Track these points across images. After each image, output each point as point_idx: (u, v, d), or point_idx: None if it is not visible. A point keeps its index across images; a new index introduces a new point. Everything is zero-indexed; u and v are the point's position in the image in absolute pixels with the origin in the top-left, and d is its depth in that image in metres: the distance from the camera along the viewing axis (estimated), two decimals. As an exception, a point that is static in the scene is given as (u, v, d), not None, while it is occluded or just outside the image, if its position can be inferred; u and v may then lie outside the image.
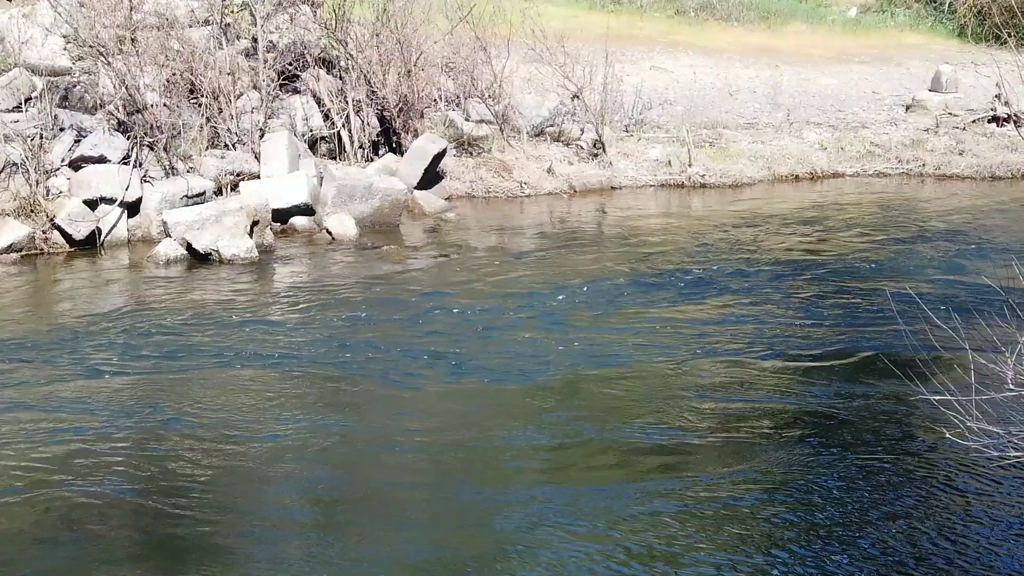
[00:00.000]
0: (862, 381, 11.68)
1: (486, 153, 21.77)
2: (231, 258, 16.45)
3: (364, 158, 20.91)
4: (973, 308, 9.19)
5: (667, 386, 11.79)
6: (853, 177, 23.03)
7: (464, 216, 19.80)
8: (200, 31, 20.19)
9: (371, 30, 21.45)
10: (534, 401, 11.41)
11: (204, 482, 9.61)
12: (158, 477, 9.69)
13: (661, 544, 8.66)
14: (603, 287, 15.15)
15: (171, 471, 9.80)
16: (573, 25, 25.94)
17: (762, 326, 13.57)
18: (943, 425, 8.42)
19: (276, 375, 12.00)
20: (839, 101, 26.44)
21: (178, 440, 10.37)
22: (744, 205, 20.57)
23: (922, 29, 32.87)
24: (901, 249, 17.24)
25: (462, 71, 22.67)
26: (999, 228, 18.59)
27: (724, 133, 23.69)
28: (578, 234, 18.56)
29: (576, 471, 10.00)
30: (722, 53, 29.12)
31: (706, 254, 17.06)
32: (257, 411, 11.07)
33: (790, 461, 10.01)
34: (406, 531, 8.94)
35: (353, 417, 11.04)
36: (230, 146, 19.31)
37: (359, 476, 9.90)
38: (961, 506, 9.21)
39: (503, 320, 13.80)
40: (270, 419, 10.86)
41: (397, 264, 16.71)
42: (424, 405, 11.42)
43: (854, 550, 8.58)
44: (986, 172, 22.98)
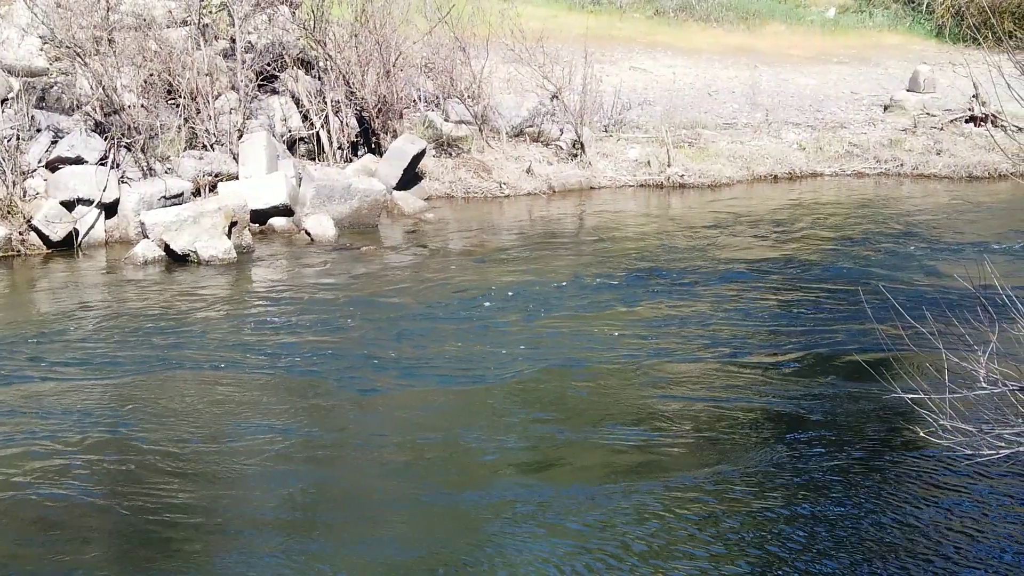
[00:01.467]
0: (836, 380, 11.72)
1: (465, 154, 21.76)
2: (209, 259, 16.41)
3: (343, 159, 20.88)
4: (947, 307, 9.22)
5: (642, 386, 11.81)
6: (832, 177, 23.09)
7: (443, 217, 19.79)
8: (178, 32, 20.13)
9: (350, 30, 21.41)
10: (509, 402, 11.41)
11: (177, 485, 9.58)
12: (131, 480, 9.66)
13: (636, 543, 8.69)
14: (580, 287, 15.18)
15: (144, 474, 9.77)
16: (552, 25, 25.94)
17: (738, 326, 13.61)
18: (917, 424, 8.46)
19: (251, 378, 11.98)
20: (817, 101, 26.51)
21: (151, 443, 10.33)
22: (723, 205, 20.62)
23: (900, 29, 32.99)
24: (877, 249, 17.30)
25: (441, 71, 22.65)
26: (974, 228, 18.67)
27: (703, 133, 23.73)
28: (556, 235, 18.58)
29: (551, 472, 10.01)
30: (701, 53, 29.19)
31: (683, 254, 17.09)
32: (231, 414, 11.04)
33: (765, 461, 10.04)
34: (382, 532, 8.94)
35: (327, 420, 11.02)
36: (208, 147, 19.26)
37: (334, 478, 9.89)
38: (935, 504, 9.26)
39: (479, 321, 13.80)
40: (244, 422, 10.83)
41: (375, 265, 16.69)
42: (400, 407, 11.41)
43: (829, 549, 8.61)
44: (963, 172, 23.08)
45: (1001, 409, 7.22)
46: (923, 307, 8.81)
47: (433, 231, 18.89)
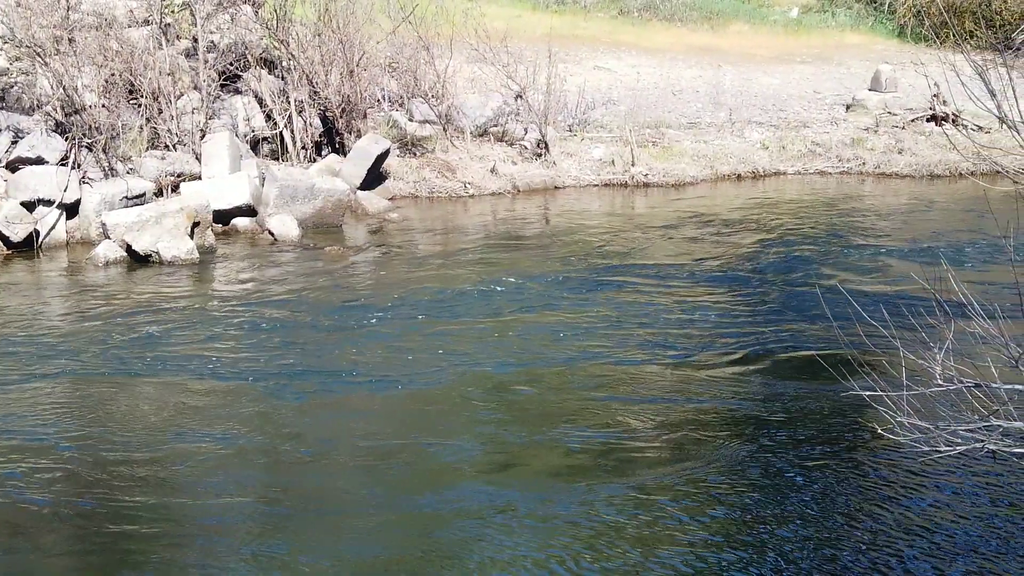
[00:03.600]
0: (797, 380, 11.80)
1: (430, 153, 21.75)
2: (171, 259, 16.33)
3: (307, 159, 20.83)
4: (904, 306, 9.29)
5: (602, 385, 11.83)
6: (794, 176, 23.23)
7: (407, 216, 19.77)
8: (139, 31, 20.02)
9: (313, 30, 21.37)
10: (473, 403, 11.41)
11: (136, 490, 9.50)
12: (90, 486, 9.57)
13: (598, 543, 8.71)
14: (543, 287, 15.19)
15: (103, 479, 9.69)
16: (517, 25, 25.98)
17: (699, 325, 13.66)
18: (876, 421, 8.51)
19: (210, 382, 11.90)
20: (781, 100, 26.66)
21: (109, 448, 10.26)
22: (686, 204, 20.69)
23: (862, 29, 33.23)
24: (837, 248, 17.40)
25: (405, 71, 22.65)
26: (933, 227, 18.83)
27: (667, 132, 23.82)
28: (520, 234, 18.59)
29: (512, 473, 10.01)
30: (665, 53, 29.29)
31: (646, 254, 17.14)
32: (190, 418, 10.97)
33: (727, 459, 10.09)
34: (344, 535, 8.92)
35: (287, 424, 10.94)
36: (170, 147, 19.17)
37: (295, 482, 9.84)
38: (893, 499, 9.33)
39: (442, 322, 13.79)
40: (203, 426, 10.75)
41: (338, 265, 16.65)
42: (362, 410, 11.38)
43: (790, 545, 8.67)
44: (924, 171, 23.27)
45: (957, 406, 7.28)
46: (881, 306, 8.87)
47: (397, 231, 18.87)
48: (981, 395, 7.10)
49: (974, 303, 7.18)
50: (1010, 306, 7.59)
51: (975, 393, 7.14)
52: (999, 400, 6.96)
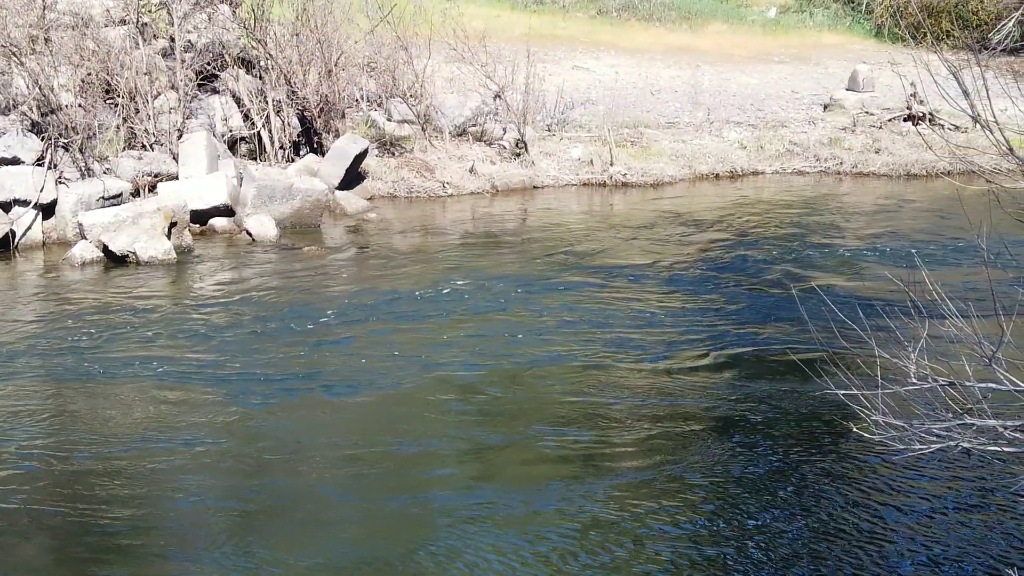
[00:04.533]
0: (772, 379, 11.84)
1: (408, 153, 21.74)
2: (148, 260, 16.28)
3: (285, 159, 20.78)
4: (879, 305, 9.34)
5: (579, 386, 11.84)
6: (772, 175, 23.30)
7: (386, 216, 19.75)
8: (116, 31, 19.94)
9: (291, 29, 21.33)
10: (449, 404, 11.40)
11: (114, 494, 9.46)
12: (64, 488, 9.52)
13: (577, 543, 8.72)
14: (520, 287, 15.19)
15: (78, 482, 9.64)
16: (495, 25, 26.00)
17: (675, 325, 13.68)
18: (852, 420, 8.55)
19: (188, 384, 11.85)
20: (759, 100, 26.73)
21: (85, 451, 10.20)
22: (665, 204, 20.73)
23: (840, 29, 33.34)
24: (814, 248, 17.46)
25: (384, 71, 22.63)
26: (909, 226, 18.90)
27: (645, 132, 23.86)
28: (498, 234, 18.58)
29: (490, 473, 10.01)
30: (643, 53, 29.33)
31: (623, 254, 17.16)
32: (166, 421, 10.91)
33: (704, 458, 10.12)
34: (325, 537, 8.89)
35: (267, 426, 10.91)
36: (147, 147, 19.11)
37: (274, 485, 9.81)
38: (869, 498, 9.38)
39: (418, 323, 13.77)
40: (179, 429, 10.71)
41: (316, 266, 16.62)
42: (338, 411, 11.36)
43: (768, 543, 8.70)
44: (901, 170, 23.37)
45: (932, 404, 7.31)
46: (856, 305, 8.90)
47: (375, 231, 18.85)
48: (955, 393, 7.13)
49: (948, 302, 7.20)
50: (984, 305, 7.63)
51: (949, 391, 7.17)
52: (973, 398, 6.98)
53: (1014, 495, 8.73)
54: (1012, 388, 6.74)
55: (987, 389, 7.02)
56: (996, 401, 6.91)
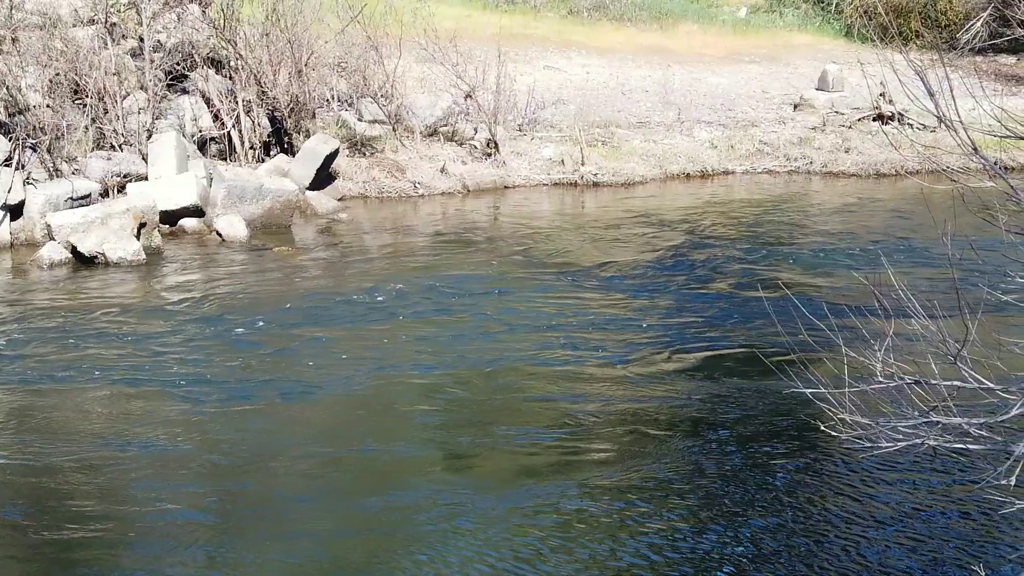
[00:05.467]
0: (741, 378, 11.89)
1: (379, 153, 21.69)
2: (117, 261, 16.20)
3: (255, 159, 20.70)
4: (846, 304, 9.38)
5: (550, 386, 11.86)
6: (743, 175, 23.35)
7: (357, 217, 19.71)
8: (85, 30, 19.81)
9: (261, 29, 21.24)
10: (418, 405, 11.39)
11: (80, 498, 9.39)
12: (30, 493, 9.46)
13: (548, 543, 8.74)
14: (490, 287, 15.20)
15: (44, 487, 9.57)
16: (466, 25, 25.97)
17: (643, 325, 13.71)
18: (819, 418, 8.59)
19: (155, 387, 11.78)
20: (729, 100, 26.79)
21: (53, 455, 10.13)
22: (635, 204, 20.76)
23: (810, 29, 33.45)
24: (783, 248, 17.53)
25: (354, 71, 22.56)
26: (877, 226, 18.99)
27: (616, 132, 23.89)
28: (468, 235, 18.56)
29: (463, 473, 10.03)
30: (615, 53, 29.35)
31: (592, 254, 17.18)
32: (134, 425, 10.85)
33: (674, 457, 10.15)
34: (298, 538, 8.87)
35: (234, 429, 10.86)
36: (116, 147, 19.00)
37: (244, 488, 9.77)
38: (837, 497, 9.44)
39: (387, 323, 13.76)
40: (147, 433, 10.64)
41: (286, 266, 16.57)
42: (307, 413, 11.33)
43: (737, 541, 8.73)
44: (871, 169, 23.47)
45: (898, 402, 7.35)
46: (824, 305, 8.96)
47: (346, 231, 18.81)
48: (921, 391, 7.17)
49: (914, 301, 7.24)
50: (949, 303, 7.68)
51: (915, 389, 7.21)
52: (939, 396, 7.03)
53: (980, 492, 8.79)
54: (977, 386, 6.79)
55: (953, 387, 7.07)
56: (962, 399, 6.95)
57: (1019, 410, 6.50)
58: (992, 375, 6.72)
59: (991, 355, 7.11)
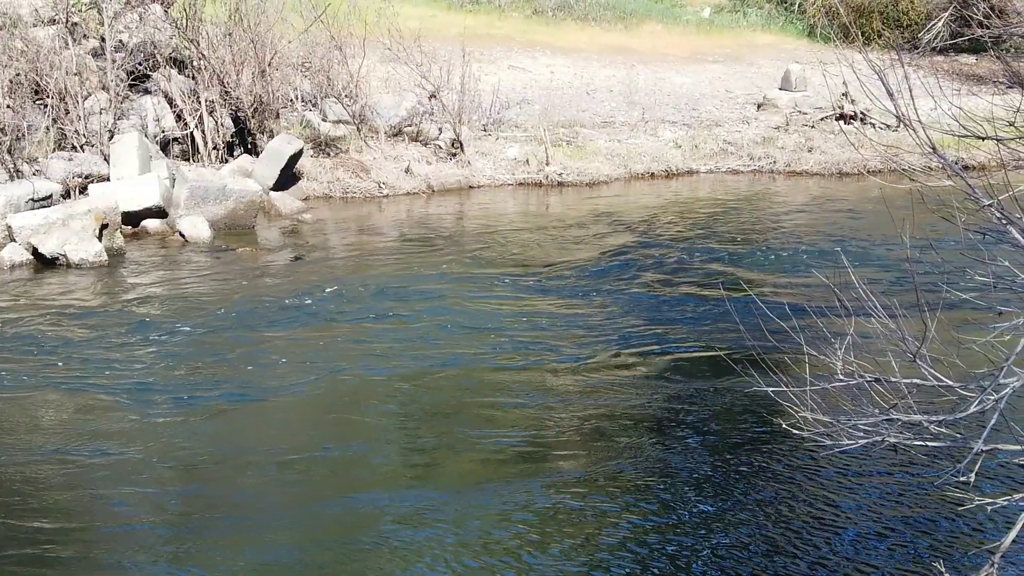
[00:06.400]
0: (704, 377, 11.93)
1: (343, 153, 21.63)
2: (79, 262, 16.08)
3: (219, 159, 20.61)
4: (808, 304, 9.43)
5: (513, 387, 11.85)
6: (707, 174, 23.44)
7: (321, 217, 19.65)
8: (45, 30, 19.66)
9: (224, 29, 21.15)
10: (382, 406, 11.37)
11: (39, 505, 9.31)
12: None
13: (513, 542, 8.75)
14: (453, 288, 15.19)
15: (6, 493, 9.48)
16: (431, 25, 25.93)
17: (607, 325, 13.73)
18: (782, 417, 8.64)
19: (115, 391, 11.68)
20: (693, 100, 26.87)
21: (12, 461, 10.03)
22: (600, 203, 20.80)
23: (773, 29, 33.58)
24: (745, 247, 17.60)
25: (318, 71, 22.49)
26: (839, 225, 19.09)
27: (581, 132, 23.92)
28: (433, 235, 18.54)
29: (427, 474, 10.02)
30: (579, 53, 29.38)
31: (556, 254, 17.19)
32: (93, 429, 10.75)
33: (640, 456, 10.18)
34: (261, 541, 8.85)
35: (195, 432, 10.78)
36: (78, 148, 18.87)
37: (206, 491, 9.71)
38: (800, 494, 9.49)
39: (350, 325, 13.72)
40: (105, 437, 10.55)
41: (249, 267, 16.50)
42: (271, 415, 11.28)
43: (703, 539, 8.77)
44: (834, 168, 23.61)
45: (859, 400, 7.39)
46: (785, 304, 9.00)
47: (310, 232, 18.75)
48: (882, 389, 7.22)
49: (874, 300, 7.29)
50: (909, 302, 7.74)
51: (876, 387, 7.26)
52: (898, 394, 7.08)
53: (941, 488, 8.86)
54: (936, 383, 6.84)
55: (912, 385, 7.12)
56: (921, 396, 7.00)
57: (978, 407, 6.56)
58: (951, 373, 6.77)
59: (950, 353, 7.16)
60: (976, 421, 7.07)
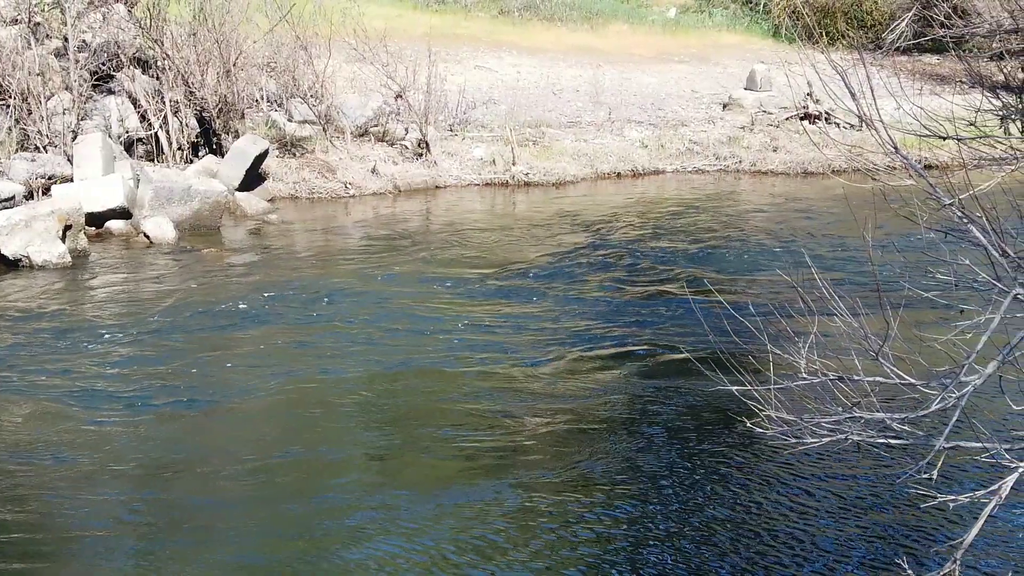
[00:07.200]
0: (669, 377, 11.97)
1: (309, 154, 21.57)
2: (43, 264, 15.96)
3: (183, 160, 20.51)
4: (772, 303, 9.48)
5: (481, 387, 11.85)
6: (673, 174, 23.51)
7: (287, 218, 19.58)
8: (7, 30, 19.51)
9: (188, 29, 21.05)
10: (345, 408, 11.34)
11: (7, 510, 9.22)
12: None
13: (482, 541, 8.75)
14: (419, 288, 15.17)
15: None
16: (397, 24, 25.90)
17: (572, 327, 13.74)
18: (746, 415, 8.68)
19: (78, 394, 11.57)
20: (659, 100, 26.96)
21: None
22: (566, 203, 20.83)
23: (738, 29, 33.74)
24: (710, 247, 17.67)
25: (284, 71, 22.43)
26: (803, 224, 19.18)
27: (547, 132, 23.95)
28: (400, 235, 18.50)
29: (394, 475, 10.00)
30: (546, 53, 29.43)
31: (522, 254, 17.19)
32: (53, 434, 10.62)
33: (607, 456, 10.21)
34: (226, 544, 8.80)
35: (158, 436, 10.68)
36: (41, 148, 18.74)
37: (174, 495, 9.63)
38: (764, 493, 9.54)
39: (315, 326, 13.68)
40: (66, 443, 10.43)
41: (214, 268, 16.42)
42: (236, 418, 11.23)
43: (670, 537, 8.80)
44: (799, 168, 23.74)
45: (822, 398, 7.44)
46: (749, 303, 9.05)
47: (276, 232, 18.68)
48: (845, 387, 7.26)
49: (836, 300, 7.34)
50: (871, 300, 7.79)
51: (839, 385, 7.30)
52: (861, 392, 7.12)
53: (904, 486, 8.92)
54: (899, 381, 6.89)
55: (875, 383, 7.17)
56: (884, 394, 7.05)
57: (939, 405, 6.61)
58: (913, 371, 6.82)
59: (912, 351, 7.21)
60: (938, 419, 7.14)
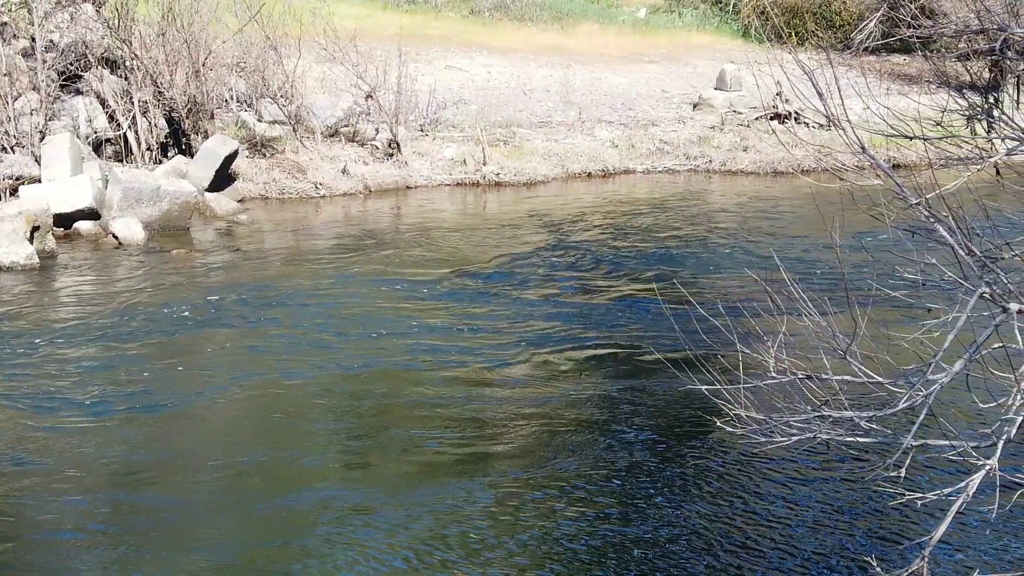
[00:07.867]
0: (640, 377, 12.00)
1: (280, 154, 21.52)
2: (10, 265, 15.87)
3: (152, 160, 20.41)
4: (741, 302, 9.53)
5: (451, 388, 11.85)
6: (644, 174, 23.57)
7: (257, 218, 19.52)
8: (-26, 30, 19.37)
9: (157, 29, 20.94)
10: (314, 410, 11.31)
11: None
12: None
13: (455, 540, 8.76)
14: (389, 289, 15.16)
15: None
16: (367, 24, 25.86)
17: (547, 326, 13.76)
18: (717, 414, 8.71)
19: (45, 398, 11.49)
20: (630, 100, 27.01)
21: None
22: (537, 203, 20.85)
23: (708, 29, 33.83)
24: (680, 247, 17.73)
25: (253, 71, 22.35)
26: (772, 224, 19.29)
27: (518, 132, 23.97)
28: (370, 235, 18.47)
29: (365, 477, 9.99)
30: (516, 53, 29.44)
31: (492, 254, 17.18)
32: (21, 439, 10.54)
33: (574, 457, 10.22)
34: (197, 547, 8.75)
35: (129, 439, 10.61)
36: (8, 149, 18.62)
37: (141, 499, 9.56)
38: (734, 491, 9.57)
39: (285, 326, 13.63)
40: (35, 447, 10.35)
41: (184, 269, 16.35)
42: (207, 419, 11.18)
43: (641, 536, 8.81)
44: (768, 168, 23.85)
45: (791, 397, 7.47)
46: (718, 302, 9.09)
47: (246, 233, 18.61)
48: (814, 386, 7.30)
49: (805, 299, 7.37)
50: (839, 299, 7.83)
51: (808, 384, 7.34)
52: (830, 391, 7.16)
53: (872, 484, 8.97)
54: (867, 380, 6.93)
55: (843, 382, 7.21)
56: (852, 393, 7.08)
57: (907, 403, 6.65)
58: (881, 369, 6.86)
59: (880, 350, 7.25)
60: (906, 417, 7.17)
